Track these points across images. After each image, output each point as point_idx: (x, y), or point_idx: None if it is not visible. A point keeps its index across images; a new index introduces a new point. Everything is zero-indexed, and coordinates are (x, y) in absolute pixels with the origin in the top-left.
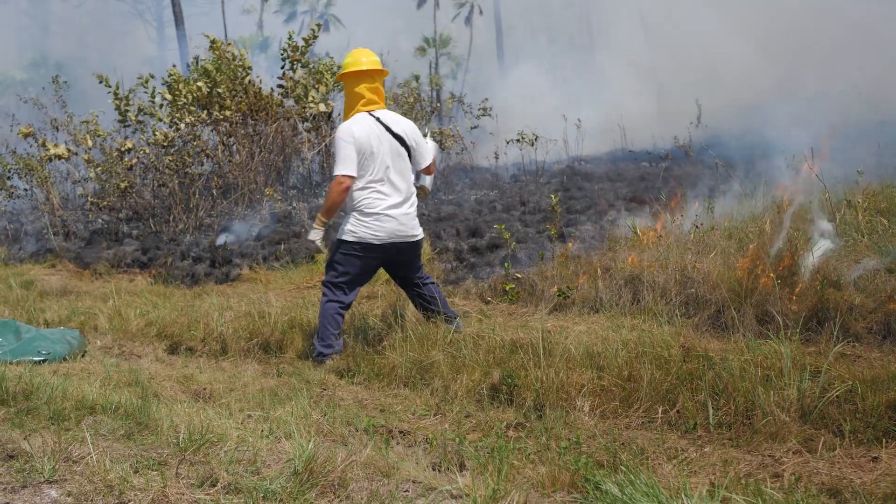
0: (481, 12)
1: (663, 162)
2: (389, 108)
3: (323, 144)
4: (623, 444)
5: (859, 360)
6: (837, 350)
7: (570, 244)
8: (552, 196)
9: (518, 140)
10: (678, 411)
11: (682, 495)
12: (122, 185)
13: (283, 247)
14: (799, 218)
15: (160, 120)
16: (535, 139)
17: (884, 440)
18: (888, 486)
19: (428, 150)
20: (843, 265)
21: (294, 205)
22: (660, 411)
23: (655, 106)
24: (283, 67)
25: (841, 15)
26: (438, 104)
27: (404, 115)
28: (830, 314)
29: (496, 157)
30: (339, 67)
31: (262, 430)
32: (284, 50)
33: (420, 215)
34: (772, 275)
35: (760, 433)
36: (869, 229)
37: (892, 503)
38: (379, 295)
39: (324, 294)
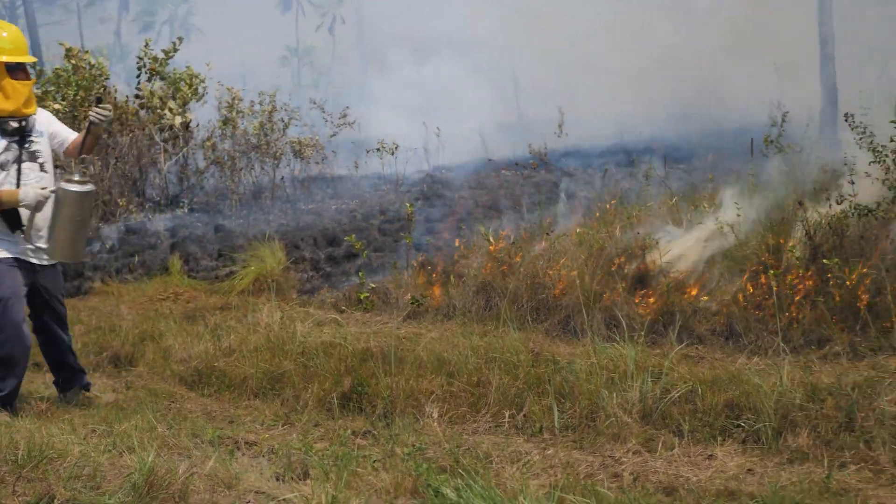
0: (343, 21)
1: (525, 170)
2: (249, 118)
3: (181, 155)
4: (468, 448)
5: (702, 361)
6: (681, 352)
7: (420, 255)
8: (408, 205)
9: (378, 149)
10: (525, 415)
11: (521, 498)
12: None
13: (136, 259)
14: (648, 222)
15: None
16: (396, 148)
17: (720, 438)
18: (721, 483)
19: None
20: (690, 269)
21: (150, 217)
22: (507, 415)
23: (517, 114)
24: (138, 77)
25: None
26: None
27: (262, 125)
28: (676, 317)
29: (356, 167)
30: (199, 80)
31: (105, 445)
32: (140, 59)
33: (279, 224)
34: (617, 279)
35: (603, 434)
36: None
37: (725, 499)
38: (232, 306)
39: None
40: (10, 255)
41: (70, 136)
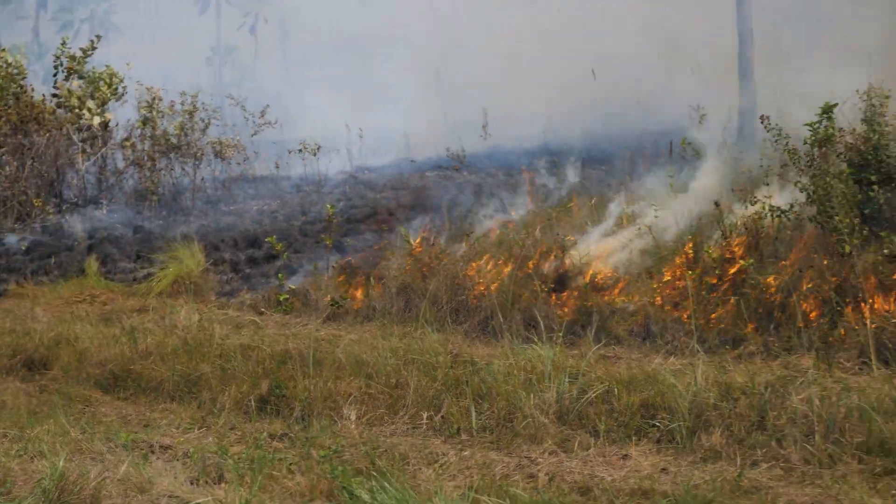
0: (266, 21)
1: (448, 171)
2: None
3: (99, 155)
4: (385, 450)
5: (619, 361)
6: (599, 352)
7: (340, 257)
8: (328, 206)
9: (300, 150)
10: (443, 416)
11: (436, 499)
12: None
13: (53, 260)
14: (568, 224)
15: None
16: (318, 149)
17: (635, 438)
18: (635, 483)
19: None
20: (609, 270)
21: (67, 218)
22: (425, 417)
23: (442, 115)
24: (55, 75)
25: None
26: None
27: (182, 125)
28: (594, 318)
29: (277, 167)
30: (118, 79)
31: (17, 450)
32: (57, 58)
33: (199, 226)
34: (538, 281)
35: (520, 435)
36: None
37: (638, 499)
38: (150, 308)
39: None
40: None
41: None
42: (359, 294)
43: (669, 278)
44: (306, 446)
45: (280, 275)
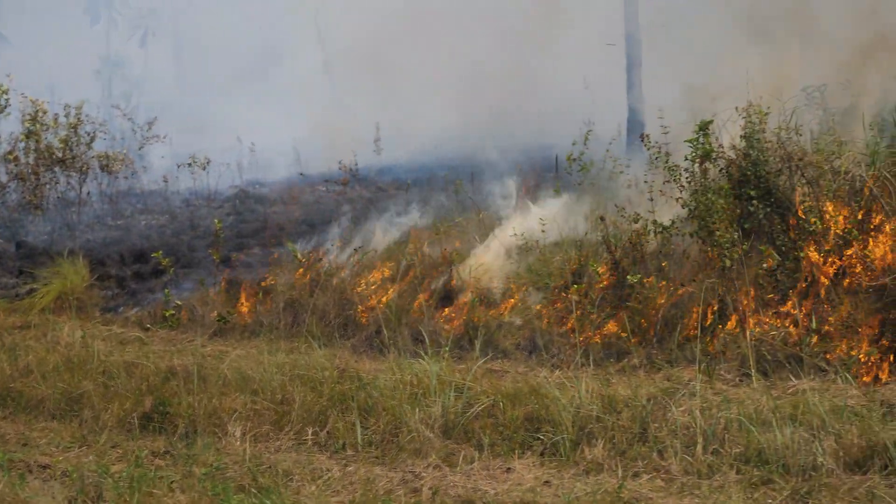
0: (154, 34)
1: (339, 185)
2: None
3: None
4: (269, 467)
5: (506, 375)
6: (485, 366)
7: (227, 272)
8: (216, 221)
9: (190, 164)
10: (329, 432)
11: None
12: None
13: None
14: (456, 238)
15: None
16: (208, 163)
17: (519, 451)
18: (518, 496)
19: None
20: (496, 284)
21: None
22: (310, 433)
23: (335, 130)
24: None
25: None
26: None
27: (67, 138)
28: (480, 332)
29: (165, 181)
30: (1, 91)
31: None
32: None
33: (85, 240)
34: (426, 295)
35: (405, 450)
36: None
37: None
38: (32, 325)
39: None
40: None
41: None
42: (246, 309)
43: (555, 293)
44: (188, 464)
45: (166, 290)
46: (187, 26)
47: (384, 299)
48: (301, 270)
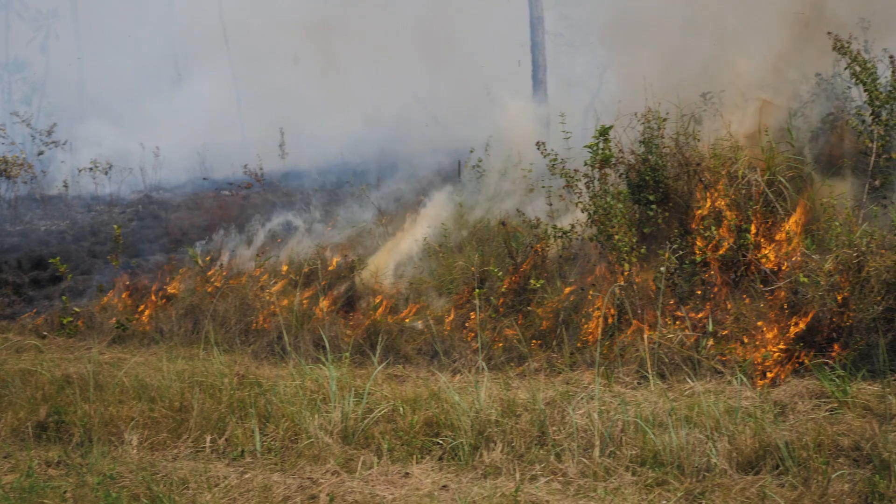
0: (58, 37)
1: (243, 190)
2: None
3: None
4: (165, 475)
5: (407, 380)
6: (387, 371)
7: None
8: (115, 227)
9: (92, 169)
10: (227, 439)
11: None
12: None
13: None
14: (360, 243)
15: None
16: (110, 168)
17: (418, 456)
18: (416, 501)
19: None
20: (398, 289)
21: None
22: (209, 440)
23: (240, 134)
24: None
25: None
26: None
27: None
28: (382, 337)
29: (66, 187)
30: None
31: None
32: None
33: None
34: (326, 300)
35: (304, 456)
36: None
37: None
38: None
39: None
40: None
41: None
42: (146, 316)
43: (457, 297)
44: (82, 473)
45: (64, 297)
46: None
47: (285, 304)
48: (202, 276)
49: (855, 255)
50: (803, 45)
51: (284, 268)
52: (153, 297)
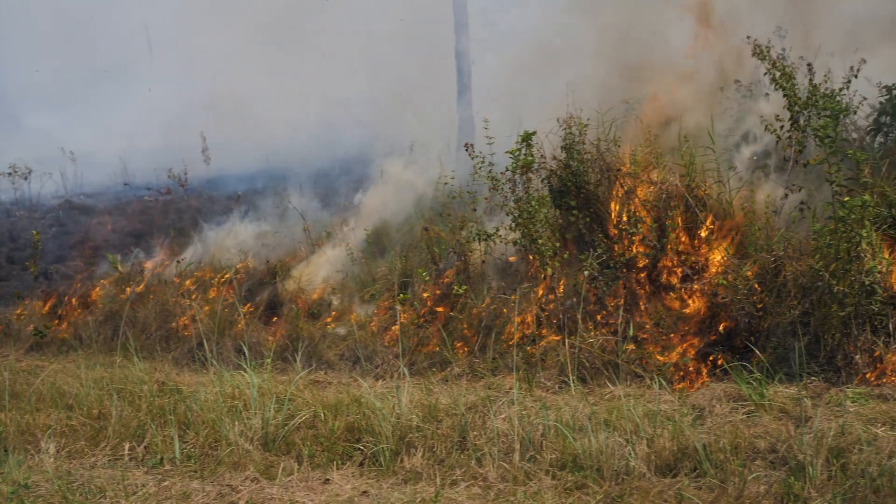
0: None
1: (165, 196)
2: None
3: None
4: (81, 484)
5: (329, 385)
6: (309, 377)
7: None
8: (34, 232)
9: (10, 173)
10: (146, 447)
11: None
12: None
13: None
14: (284, 249)
15: None
16: (29, 172)
17: (339, 462)
18: None
19: None
20: (321, 295)
21: None
22: (127, 448)
23: (163, 139)
24: None
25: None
26: None
27: None
28: (304, 343)
29: None
30: None
31: None
32: None
33: None
34: (250, 307)
35: (224, 463)
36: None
37: None
38: None
39: None
40: None
41: None
42: (65, 323)
43: (380, 303)
44: None
45: None
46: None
47: (206, 311)
48: (122, 283)
49: (772, 259)
50: (724, 50)
51: (206, 274)
52: (72, 304)
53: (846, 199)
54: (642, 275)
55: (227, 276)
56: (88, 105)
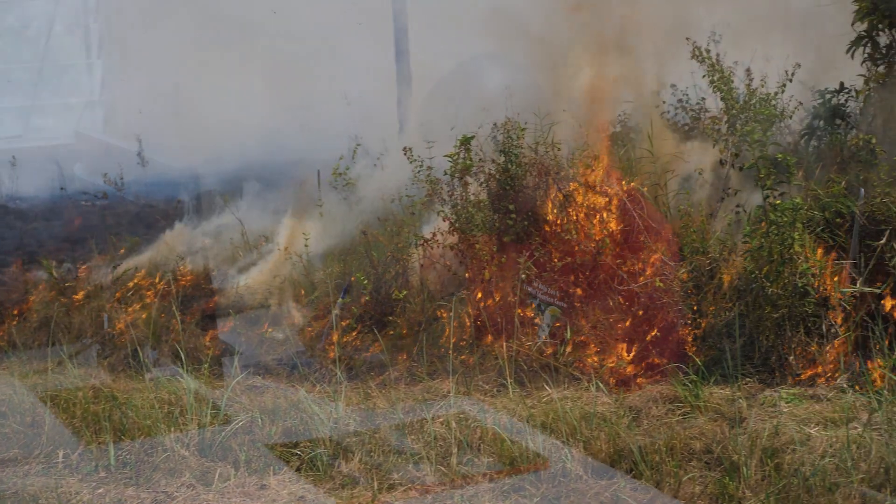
0: None
1: (101, 200)
2: None
3: None
4: (14, 492)
5: (267, 391)
6: (247, 383)
7: None
8: None
9: None
10: (80, 454)
11: None
12: None
13: None
14: (222, 253)
15: None
16: None
17: (276, 467)
18: None
19: None
20: (259, 300)
21: None
22: (61, 455)
23: (103, 142)
24: None
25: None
26: None
27: None
28: (242, 348)
29: None
30: None
31: None
32: None
33: None
34: (186, 313)
35: (160, 470)
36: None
37: None
38: None
39: None
40: None
41: None
42: None
43: (319, 307)
44: None
45: None
46: None
47: (143, 317)
48: (57, 289)
49: (708, 262)
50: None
51: (143, 280)
52: (6, 311)
53: (777, 202)
54: (580, 277)
55: (164, 281)
56: (25, 106)
